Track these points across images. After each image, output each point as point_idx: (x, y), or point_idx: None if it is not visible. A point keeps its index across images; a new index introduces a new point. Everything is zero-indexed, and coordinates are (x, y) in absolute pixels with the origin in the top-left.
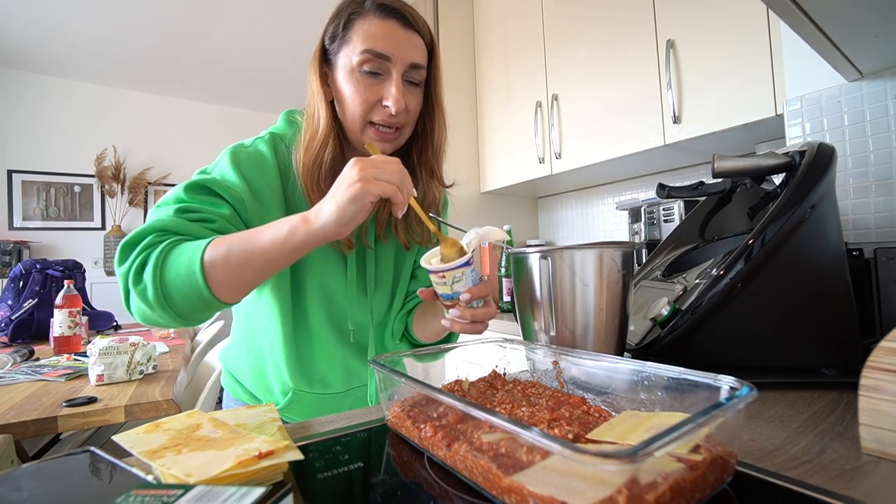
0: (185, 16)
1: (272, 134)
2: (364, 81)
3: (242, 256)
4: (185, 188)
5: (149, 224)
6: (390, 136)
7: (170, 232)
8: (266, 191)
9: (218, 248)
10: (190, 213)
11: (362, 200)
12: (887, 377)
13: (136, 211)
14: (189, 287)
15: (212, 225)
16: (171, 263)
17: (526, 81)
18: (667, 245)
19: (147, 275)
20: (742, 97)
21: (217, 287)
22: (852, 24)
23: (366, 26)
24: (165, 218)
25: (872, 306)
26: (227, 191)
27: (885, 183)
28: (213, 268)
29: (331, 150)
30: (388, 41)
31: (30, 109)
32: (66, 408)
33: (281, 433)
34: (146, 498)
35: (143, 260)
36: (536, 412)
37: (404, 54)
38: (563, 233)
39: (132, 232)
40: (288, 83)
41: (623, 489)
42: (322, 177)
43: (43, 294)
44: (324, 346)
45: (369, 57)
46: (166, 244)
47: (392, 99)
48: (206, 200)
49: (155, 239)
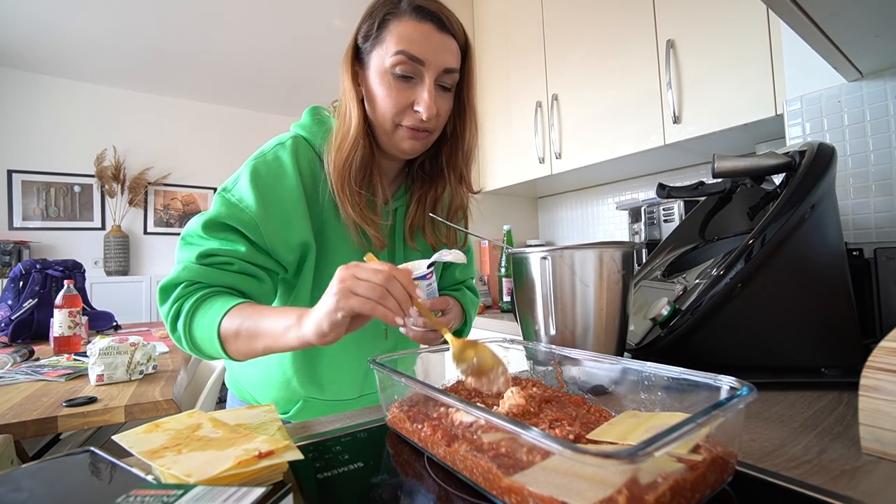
0: (186, 16)
1: (295, 137)
2: (396, 85)
3: (248, 337)
4: (203, 226)
5: (177, 274)
6: (421, 135)
7: (195, 283)
8: (286, 203)
9: (231, 323)
10: (210, 258)
11: (334, 316)
12: (887, 377)
13: (136, 211)
14: (212, 348)
15: (232, 267)
16: (196, 324)
17: (526, 81)
18: (667, 245)
19: (180, 328)
20: (742, 97)
21: (233, 354)
22: (852, 24)
23: (401, 28)
24: (190, 266)
25: (872, 306)
26: (239, 220)
27: (885, 183)
28: (227, 340)
29: (361, 151)
30: (423, 44)
31: (30, 109)
32: (66, 408)
33: (281, 433)
34: (146, 498)
35: (175, 312)
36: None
37: (438, 59)
38: (563, 233)
39: (167, 277)
40: (288, 83)
41: (623, 489)
42: (352, 178)
43: (43, 294)
44: (342, 352)
45: (403, 59)
46: (193, 302)
47: (424, 105)
48: (223, 239)
49: (183, 291)
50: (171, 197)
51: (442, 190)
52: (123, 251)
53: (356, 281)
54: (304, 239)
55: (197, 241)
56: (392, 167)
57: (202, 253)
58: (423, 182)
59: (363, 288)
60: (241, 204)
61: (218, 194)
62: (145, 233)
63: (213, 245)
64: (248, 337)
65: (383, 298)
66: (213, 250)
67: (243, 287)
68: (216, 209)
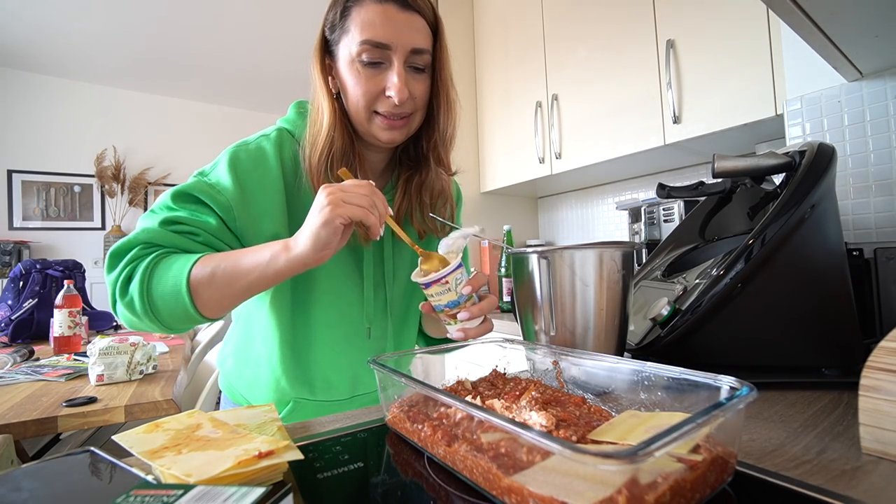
0: (186, 16)
1: (279, 130)
2: (365, 72)
3: (226, 278)
4: (173, 195)
5: (135, 235)
6: (398, 123)
7: (155, 245)
8: (265, 192)
9: (204, 268)
10: (176, 225)
11: (332, 224)
12: (887, 377)
13: (136, 211)
14: (175, 302)
15: (197, 238)
16: (157, 278)
17: (526, 81)
18: (667, 245)
19: (133, 288)
20: (742, 97)
21: (202, 305)
22: (852, 24)
23: (363, 13)
24: (151, 229)
25: (872, 306)
26: (213, 199)
27: (885, 183)
28: (199, 286)
29: (339, 144)
30: (387, 27)
31: (30, 109)
32: (66, 408)
33: (281, 433)
34: (146, 498)
35: (129, 272)
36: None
37: (405, 40)
38: (563, 233)
39: (119, 241)
40: (288, 83)
41: (623, 489)
42: (330, 172)
43: (43, 294)
44: (330, 351)
45: (368, 47)
46: (151, 258)
47: (395, 89)
48: (193, 210)
49: (140, 252)
50: None
51: (426, 175)
52: None
53: (344, 192)
54: (277, 231)
55: (162, 210)
56: (377, 158)
57: (167, 219)
58: (408, 168)
59: (355, 197)
60: (217, 186)
61: (193, 176)
62: None
63: (180, 213)
64: (226, 278)
65: (372, 207)
66: (180, 218)
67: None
68: (188, 184)
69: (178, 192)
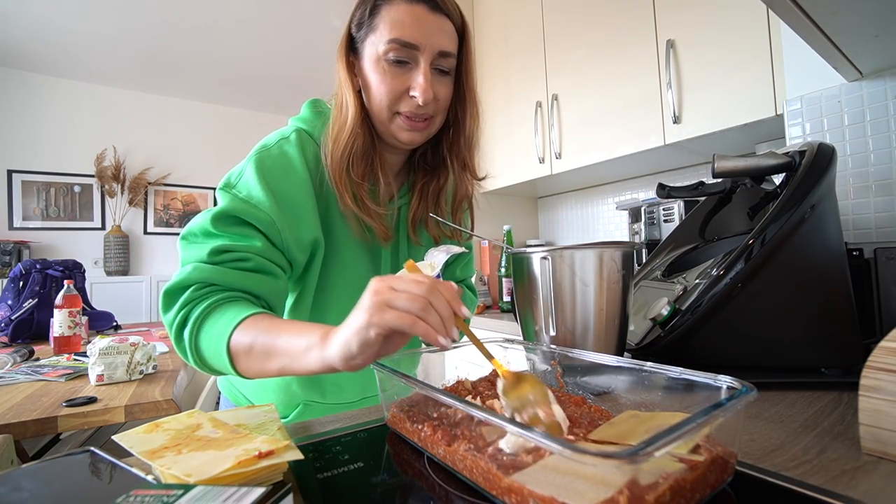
0: (185, 16)
1: (298, 131)
2: (391, 71)
3: (262, 354)
4: (213, 219)
5: (187, 274)
6: (419, 125)
7: (209, 284)
8: (296, 200)
9: (244, 337)
10: (224, 255)
11: (365, 334)
12: (887, 377)
13: (137, 211)
14: (218, 363)
15: (247, 264)
16: (204, 335)
17: (526, 81)
18: (667, 245)
19: (185, 337)
20: (742, 97)
21: (244, 371)
22: (852, 24)
23: (392, 12)
24: (201, 265)
25: (872, 306)
26: (255, 217)
27: (885, 183)
28: (238, 355)
29: (361, 142)
30: (416, 28)
31: (30, 109)
32: (66, 408)
33: (281, 433)
34: (146, 498)
35: (183, 318)
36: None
37: (433, 42)
38: (563, 233)
39: (173, 279)
40: (288, 83)
41: (624, 489)
42: (352, 169)
43: (43, 294)
44: None
45: (396, 46)
46: (204, 308)
47: (420, 89)
48: (237, 234)
49: (193, 294)
50: (171, 197)
51: (445, 180)
52: (123, 251)
53: (393, 292)
54: (316, 236)
55: (204, 238)
56: (395, 160)
57: (214, 249)
58: (426, 173)
59: (402, 300)
60: (251, 200)
61: (221, 191)
62: (145, 233)
63: (225, 241)
64: (262, 355)
65: (425, 312)
66: (227, 246)
67: (260, 288)
68: (226, 204)
69: (217, 214)
